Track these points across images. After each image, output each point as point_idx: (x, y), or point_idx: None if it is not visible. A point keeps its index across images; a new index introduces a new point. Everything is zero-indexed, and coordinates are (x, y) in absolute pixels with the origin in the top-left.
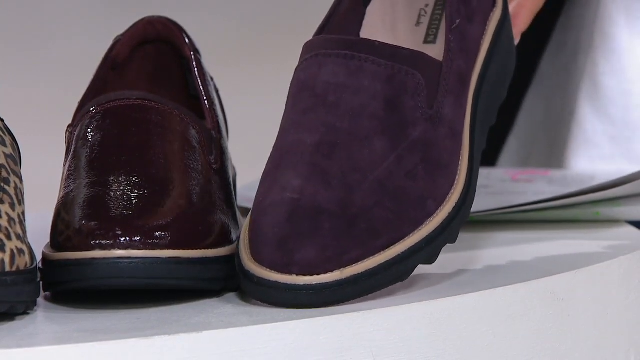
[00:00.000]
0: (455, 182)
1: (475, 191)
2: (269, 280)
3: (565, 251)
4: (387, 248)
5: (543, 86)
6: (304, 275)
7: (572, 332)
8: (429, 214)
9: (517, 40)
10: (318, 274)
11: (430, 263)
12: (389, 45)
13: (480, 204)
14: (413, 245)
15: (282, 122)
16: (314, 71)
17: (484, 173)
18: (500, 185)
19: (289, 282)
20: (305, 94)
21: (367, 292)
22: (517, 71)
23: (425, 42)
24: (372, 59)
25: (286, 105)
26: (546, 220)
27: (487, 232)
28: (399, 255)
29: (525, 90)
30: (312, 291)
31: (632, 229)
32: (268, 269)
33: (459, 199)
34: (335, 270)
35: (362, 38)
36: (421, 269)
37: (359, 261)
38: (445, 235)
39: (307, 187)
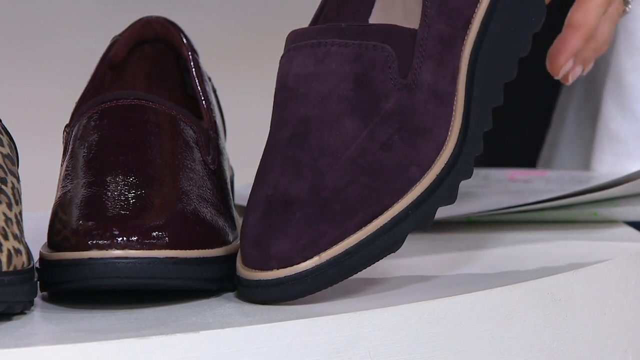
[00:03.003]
0: (445, 143)
1: (476, 149)
2: (253, 280)
3: (563, 251)
4: (367, 224)
5: (574, 85)
6: (284, 267)
7: (569, 332)
8: (414, 181)
9: None
10: (297, 264)
11: (423, 228)
12: (356, 25)
13: (479, 204)
14: (395, 215)
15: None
16: (286, 67)
17: (481, 173)
18: (498, 186)
19: (270, 278)
20: (280, 91)
21: (354, 271)
22: (546, 74)
23: None
24: (338, 42)
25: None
26: (544, 221)
27: (484, 232)
28: (380, 228)
29: (559, 89)
30: (294, 281)
31: (630, 230)
32: (251, 269)
33: (449, 159)
34: (313, 256)
35: (328, 24)
36: (418, 269)
37: (337, 242)
38: (435, 197)
39: (280, 181)
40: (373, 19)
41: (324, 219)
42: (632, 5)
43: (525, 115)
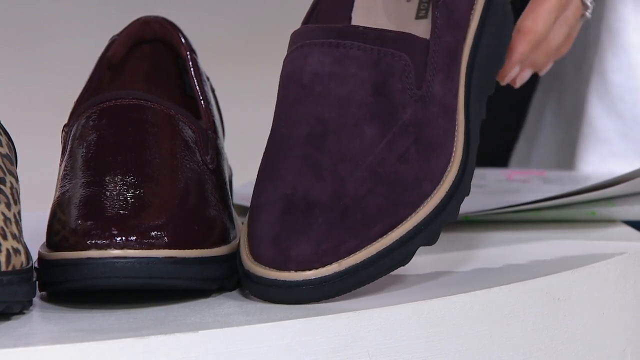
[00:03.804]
0: (452, 158)
1: (474, 164)
2: (268, 279)
3: (561, 251)
4: (384, 235)
5: (552, 84)
6: (302, 270)
7: (568, 331)
8: (426, 195)
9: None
10: (316, 269)
11: (431, 244)
12: (374, 29)
13: (476, 203)
14: (411, 229)
15: (273, 116)
16: (300, 62)
17: (479, 173)
18: (496, 185)
19: (287, 279)
20: (292, 86)
21: (368, 281)
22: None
23: (417, 17)
24: (357, 45)
25: (276, 98)
26: (542, 220)
27: (483, 232)
28: (396, 241)
29: (534, 88)
30: (312, 286)
31: (628, 229)
32: (266, 267)
33: (456, 176)
34: (333, 263)
35: (346, 25)
36: (417, 269)
37: (356, 251)
38: (444, 214)
39: (299, 181)
40: (355, 17)
41: (344, 226)
42: (590, 11)
43: (497, 113)
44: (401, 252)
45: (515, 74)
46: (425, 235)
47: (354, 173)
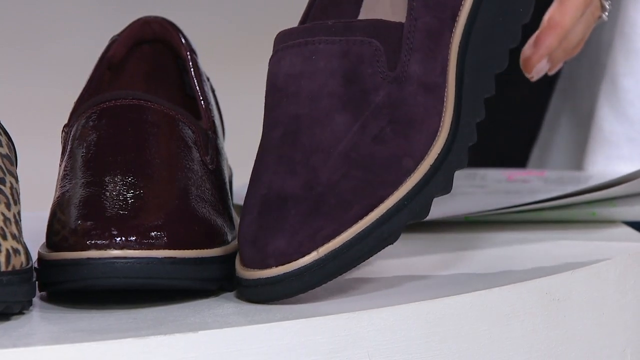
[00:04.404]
0: (438, 133)
1: (470, 138)
2: (252, 279)
3: (561, 251)
4: (363, 216)
5: (567, 87)
6: (282, 264)
7: (568, 332)
8: (408, 172)
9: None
10: (295, 260)
11: (420, 219)
12: (342, 21)
13: (477, 204)
14: (392, 207)
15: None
16: (275, 67)
17: (480, 174)
18: (497, 186)
19: (269, 276)
20: (271, 92)
21: (352, 264)
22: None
23: None
24: (325, 39)
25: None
26: (542, 221)
27: (483, 232)
28: (377, 220)
29: (551, 91)
30: (293, 277)
31: (629, 229)
32: (249, 269)
33: (442, 149)
34: (311, 251)
35: (315, 22)
36: (417, 269)
37: (334, 236)
38: (430, 187)
39: (274, 180)
40: (361, 17)
41: (319, 213)
42: (607, 13)
43: (515, 115)
44: (384, 231)
45: (541, 68)
46: (410, 210)
47: (327, 162)
